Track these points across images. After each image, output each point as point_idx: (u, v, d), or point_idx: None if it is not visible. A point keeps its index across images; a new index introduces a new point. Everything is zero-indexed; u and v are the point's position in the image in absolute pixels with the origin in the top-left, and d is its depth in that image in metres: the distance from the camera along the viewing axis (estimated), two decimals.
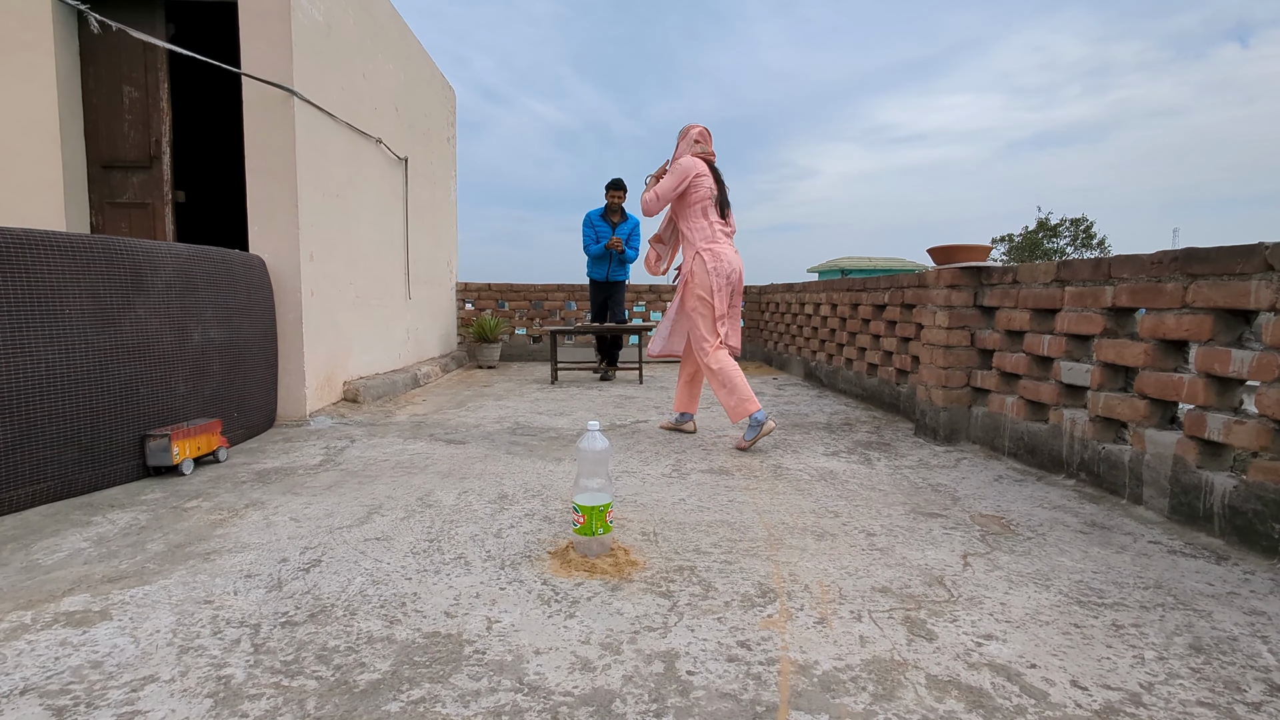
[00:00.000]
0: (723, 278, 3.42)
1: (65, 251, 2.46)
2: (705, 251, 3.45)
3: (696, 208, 3.51)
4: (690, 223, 3.53)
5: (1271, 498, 1.91)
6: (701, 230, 3.50)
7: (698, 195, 3.50)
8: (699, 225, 3.51)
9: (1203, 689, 1.28)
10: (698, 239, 3.49)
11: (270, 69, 3.71)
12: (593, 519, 1.86)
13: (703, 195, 3.50)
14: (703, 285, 3.43)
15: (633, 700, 1.23)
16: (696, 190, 3.50)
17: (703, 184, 3.50)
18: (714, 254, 3.45)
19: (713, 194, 3.52)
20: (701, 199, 3.50)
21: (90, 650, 1.38)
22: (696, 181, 3.51)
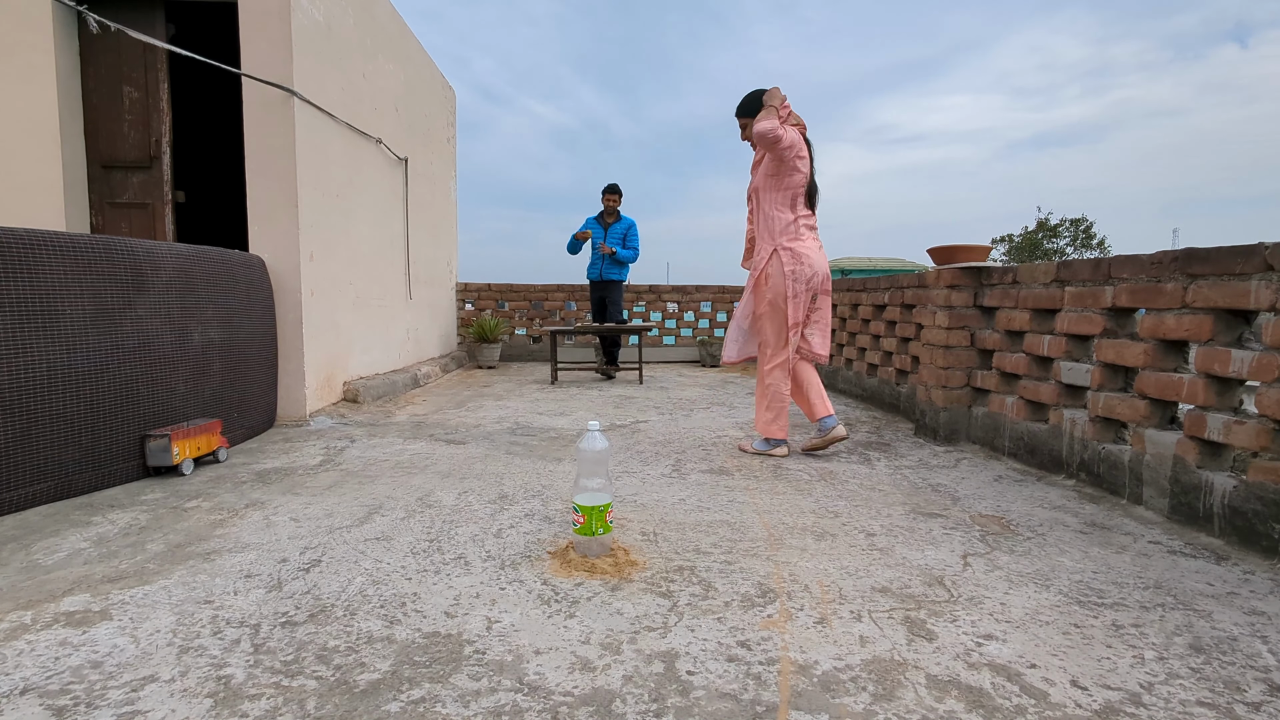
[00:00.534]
0: (802, 283, 3.02)
1: (66, 252, 2.46)
2: (785, 250, 3.04)
3: (786, 194, 3.04)
4: (775, 210, 3.06)
5: (1271, 498, 1.91)
6: (784, 223, 3.05)
7: (793, 180, 3.03)
8: (782, 216, 3.05)
9: (1203, 689, 1.28)
10: (779, 233, 3.06)
11: (270, 69, 3.71)
12: (593, 519, 1.86)
13: (797, 182, 3.03)
14: (776, 290, 3.04)
15: (633, 700, 1.23)
16: (794, 174, 3.02)
17: (801, 168, 3.03)
18: (794, 254, 3.03)
19: (806, 182, 3.07)
20: (795, 186, 3.03)
21: (90, 650, 1.38)
22: (797, 164, 3.02)
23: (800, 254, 3.03)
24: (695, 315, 8.38)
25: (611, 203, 6.30)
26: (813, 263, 3.04)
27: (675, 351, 8.26)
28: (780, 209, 3.06)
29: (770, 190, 3.06)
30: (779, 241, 3.06)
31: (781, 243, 3.05)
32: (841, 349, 5.40)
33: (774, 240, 3.06)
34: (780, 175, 3.02)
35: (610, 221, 6.32)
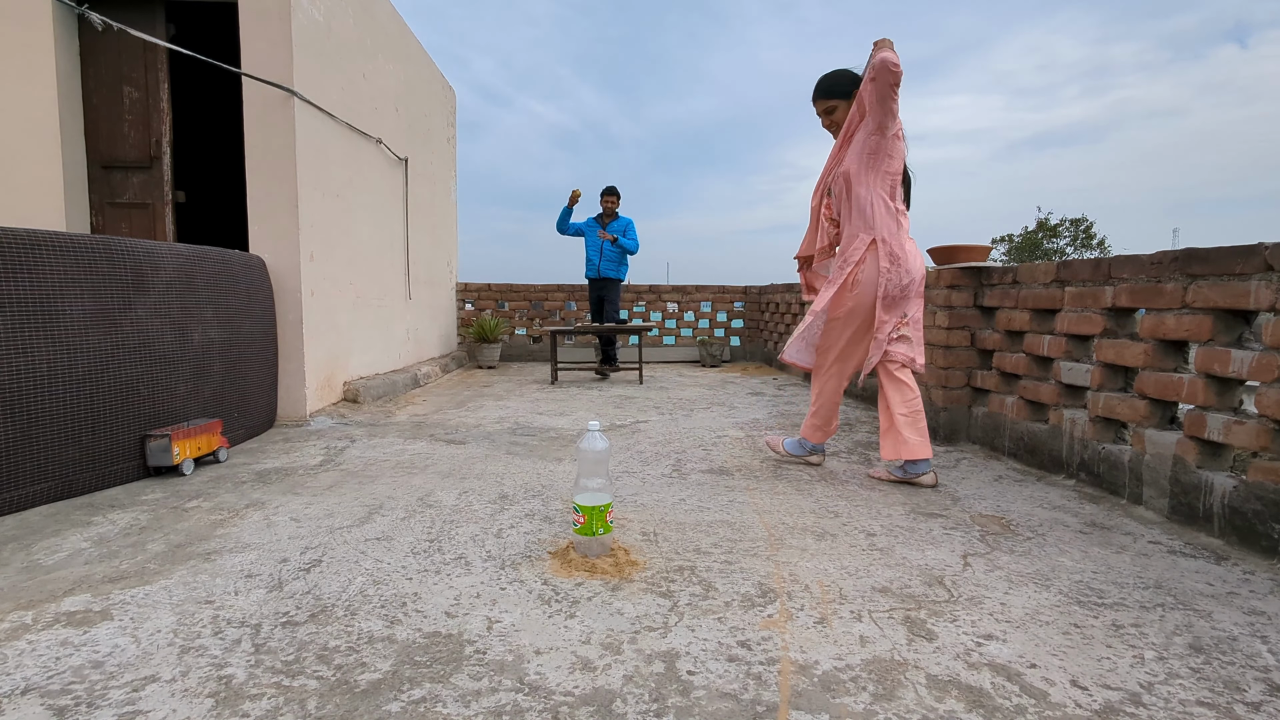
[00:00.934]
0: (897, 288, 2.60)
1: (66, 252, 2.47)
2: (884, 246, 2.59)
3: (886, 180, 2.60)
4: (874, 197, 2.61)
5: (1271, 498, 1.91)
6: (885, 214, 2.60)
7: (893, 165, 2.60)
8: (882, 206, 2.61)
9: (1202, 689, 1.28)
10: (879, 224, 2.60)
11: (270, 69, 3.71)
12: (593, 519, 1.86)
13: (896, 168, 2.62)
14: (866, 293, 2.62)
15: (633, 700, 1.23)
16: (893, 157, 2.60)
17: (901, 150, 2.61)
18: (893, 256, 2.59)
19: (902, 170, 2.66)
20: (895, 172, 2.62)
21: (91, 650, 1.38)
22: (898, 144, 2.59)
23: (899, 256, 2.59)
24: (695, 315, 8.38)
25: (610, 204, 6.36)
26: (910, 268, 2.61)
27: (675, 351, 8.26)
28: (879, 196, 2.61)
29: (867, 173, 2.60)
30: (880, 233, 2.60)
31: (883, 234, 2.60)
32: None
33: (875, 232, 2.60)
34: (880, 155, 2.57)
35: (607, 222, 6.37)
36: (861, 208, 2.63)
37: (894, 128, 2.55)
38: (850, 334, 2.73)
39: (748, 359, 8.33)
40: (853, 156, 2.64)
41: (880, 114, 2.50)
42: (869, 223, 2.62)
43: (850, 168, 2.65)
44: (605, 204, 6.36)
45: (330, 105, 4.22)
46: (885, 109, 2.49)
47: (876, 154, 2.58)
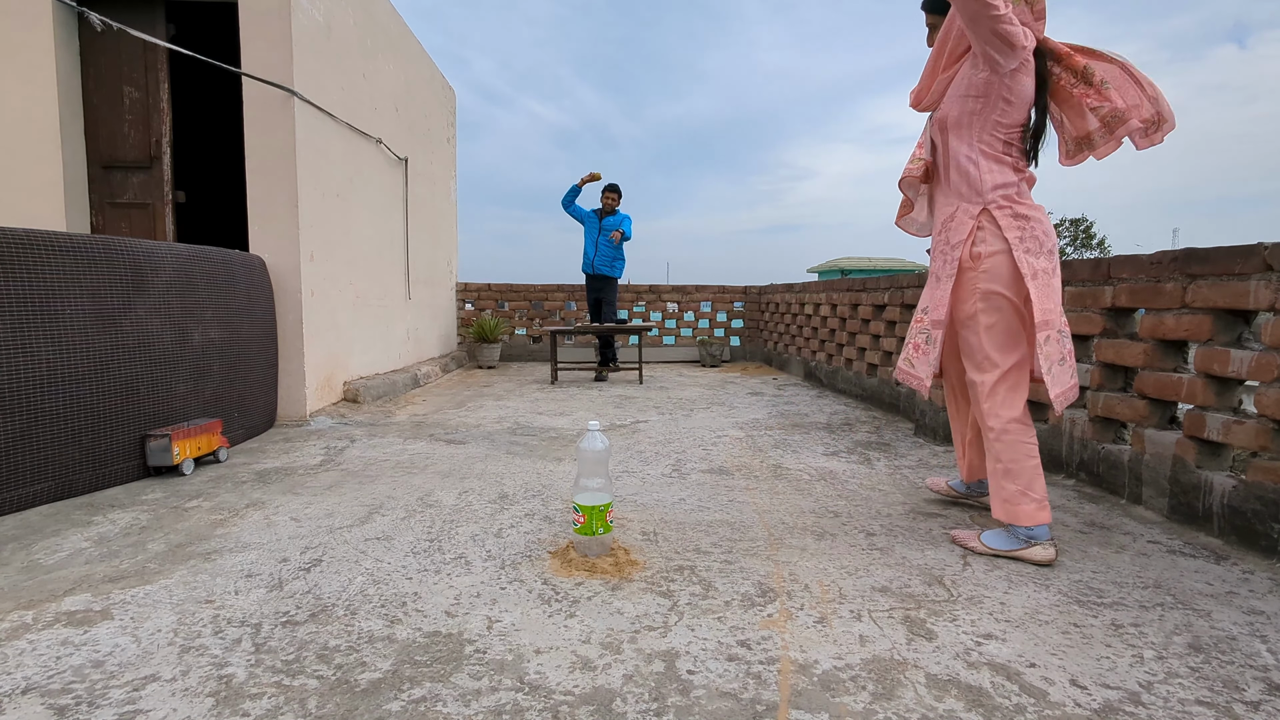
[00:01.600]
0: (1043, 254, 1.90)
1: (66, 252, 2.47)
2: (1007, 210, 1.92)
3: (999, 133, 1.93)
4: (979, 155, 1.95)
5: (1271, 497, 1.91)
6: (995, 177, 1.94)
7: (1012, 113, 1.91)
8: (992, 166, 1.94)
9: (1202, 688, 1.28)
10: (987, 187, 1.94)
11: (270, 69, 3.71)
12: (593, 519, 1.86)
13: (1017, 116, 1.93)
14: (999, 274, 1.91)
15: (633, 699, 1.23)
16: (1014, 102, 1.90)
17: (1023, 93, 1.91)
18: (1022, 218, 1.91)
19: (1028, 119, 1.96)
20: (1013, 123, 1.93)
21: (91, 650, 1.38)
22: (1019, 81, 1.89)
23: (1028, 215, 1.91)
24: (695, 315, 8.38)
25: (611, 201, 6.37)
26: (1048, 228, 1.93)
27: (675, 351, 8.26)
28: (989, 153, 1.94)
29: (972, 123, 1.94)
30: (991, 197, 1.93)
31: (995, 199, 1.93)
32: (841, 349, 5.40)
33: (984, 197, 1.94)
34: (990, 99, 1.89)
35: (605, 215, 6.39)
36: (962, 169, 1.97)
37: (1013, 60, 1.83)
38: (1004, 331, 1.94)
39: (748, 359, 8.33)
40: (954, 98, 1.98)
41: (983, 40, 1.80)
42: (978, 190, 1.95)
43: (949, 113, 1.98)
44: (606, 200, 6.38)
45: (330, 105, 4.22)
46: (988, 34, 1.78)
47: (986, 97, 1.90)
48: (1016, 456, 1.92)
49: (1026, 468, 1.92)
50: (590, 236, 6.41)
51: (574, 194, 6.33)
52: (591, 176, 6.23)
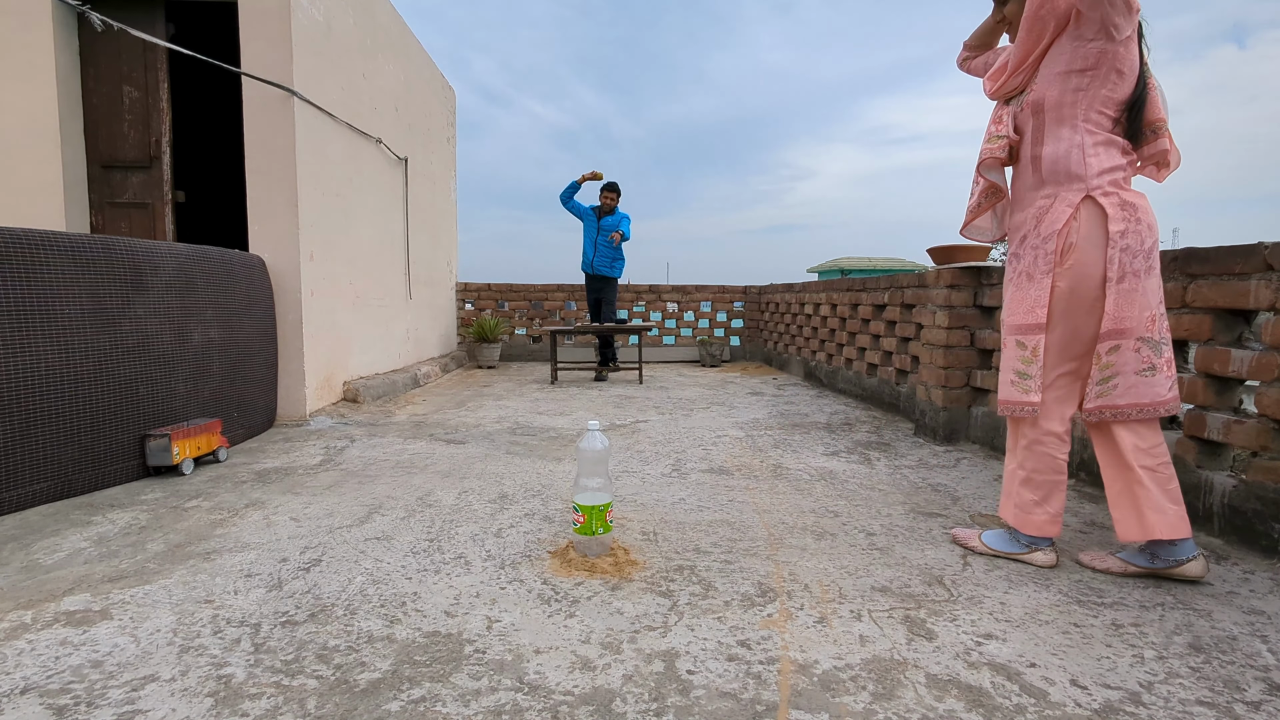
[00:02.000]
0: (1140, 252, 1.69)
1: (65, 251, 2.46)
2: (1114, 197, 1.70)
3: (1107, 108, 1.72)
4: (1083, 135, 1.73)
5: (1271, 497, 1.91)
6: (1107, 157, 1.73)
7: (1123, 86, 1.70)
8: (1105, 145, 1.73)
9: (1202, 688, 1.28)
10: (1096, 170, 1.72)
11: (270, 69, 3.71)
12: (593, 519, 1.86)
13: (1126, 89, 1.70)
14: (1081, 274, 1.72)
15: (633, 699, 1.23)
16: (1125, 74, 1.69)
17: (1134, 63, 1.70)
18: (1129, 206, 1.70)
19: (1134, 94, 1.72)
20: (1123, 95, 1.71)
21: (91, 650, 1.38)
22: (1130, 49, 1.68)
23: (1135, 203, 1.71)
24: (695, 315, 8.38)
25: (610, 201, 6.35)
26: (1152, 221, 1.72)
27: (675, 351, 8.26)
28: (1096, 134, 1.72)
29: (1077, 101, 1.72)
30: (1093, 182, 1.71)
31: (1102, 184, 1.71)
32: (841, 349, 5.40)
33: (1084, 183, 1.72)
34: (1102, 71, 1.67)
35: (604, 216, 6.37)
36: (1064, 153, 1.75)
37: (1130, 24, 1.63)
38: (1064, 335, 1.77)
39: (747, 359, 8.33)
40: (1050, 77, 1.75)
41: (1106, 3, 1.59)
42: (1077, 173, 1.73)
43: (1046, 94, 1.76)
44: (605, 200, 6.35)
45: (330, 105, 4.21)
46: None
47: (1096, 70, 1.68)
48: (1042, 468, 1.85)
49: (1049, 481, 1.84)
50: (589, 236, 6.40)
51: (573, 190, 6.32)
52: (593, 175, 6.23)
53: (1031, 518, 1.85)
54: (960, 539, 2.02)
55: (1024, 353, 1.82)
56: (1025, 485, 1.87)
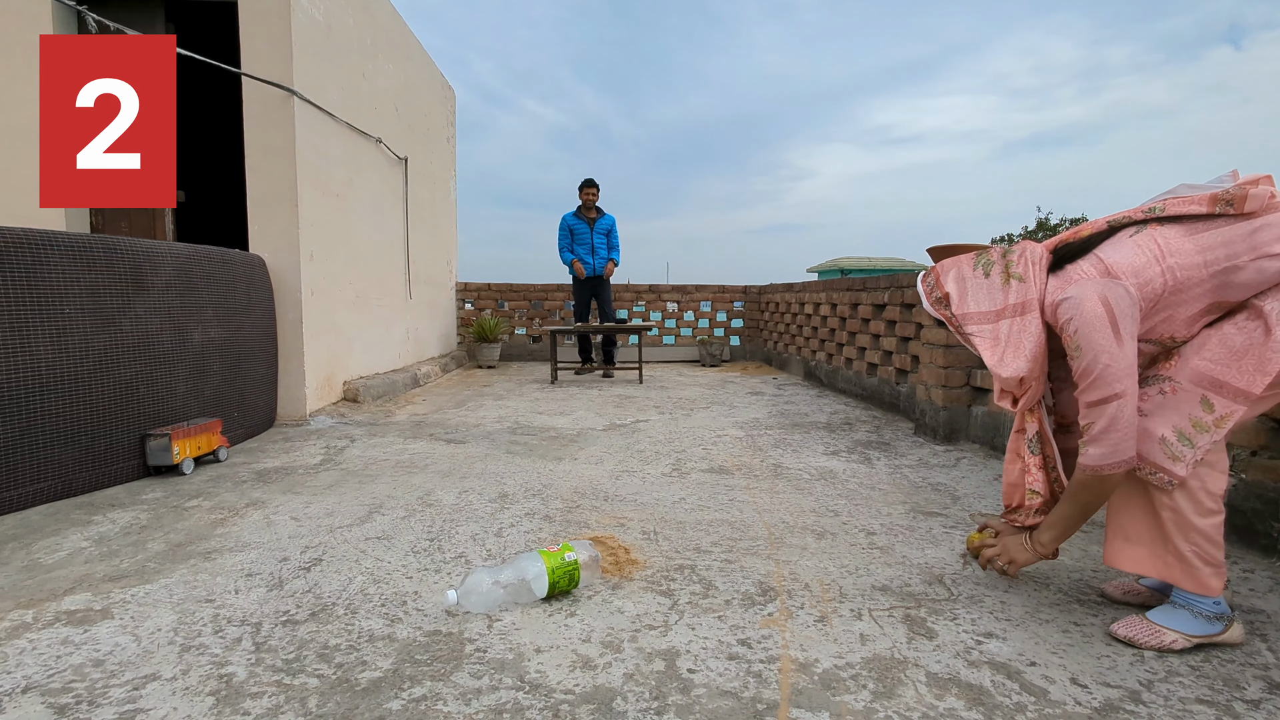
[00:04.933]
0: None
1: (66, 251, 2.46)
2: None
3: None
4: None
5: (1270, 496, 1.91)
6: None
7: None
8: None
9: (1202, 686, 1.28)
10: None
11: (270, 69, 3.71)
12: (570, 575, 1.63)
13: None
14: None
15: (634, 698, 1.23)
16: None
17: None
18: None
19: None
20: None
21: (92, 649, 1.38)
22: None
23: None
24: (695, 315, 8.38)
25: (590, 196, 6.33)
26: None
27: (675, 351, 8.26)
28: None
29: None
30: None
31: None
32: (841, 349, 5.40)
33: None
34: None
35: (593, 217, 6.36)
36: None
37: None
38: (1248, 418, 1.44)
39: (747, 359, 8.33)
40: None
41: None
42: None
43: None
44: (585, 196, 6.34)
45: (330, 105, 4.21)
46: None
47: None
48: (1202, 502, 1.42)
49: (1214, 533, 1.42)
50: (586, 244, 6.38)
51: (562, 248, 6.43)
52: (578, 269, 6.37)
53: (1204, 576, 1.42)
54: (1133, 637, 1.45)
55: (1206, 416, 1.38)
56: (1190, 543, 1.42)
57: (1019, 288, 1.49)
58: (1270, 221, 1.34)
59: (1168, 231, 1.40)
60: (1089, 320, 1.36)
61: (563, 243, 6.43)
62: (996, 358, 1.49)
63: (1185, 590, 1.42)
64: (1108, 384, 1.35)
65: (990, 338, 1.50)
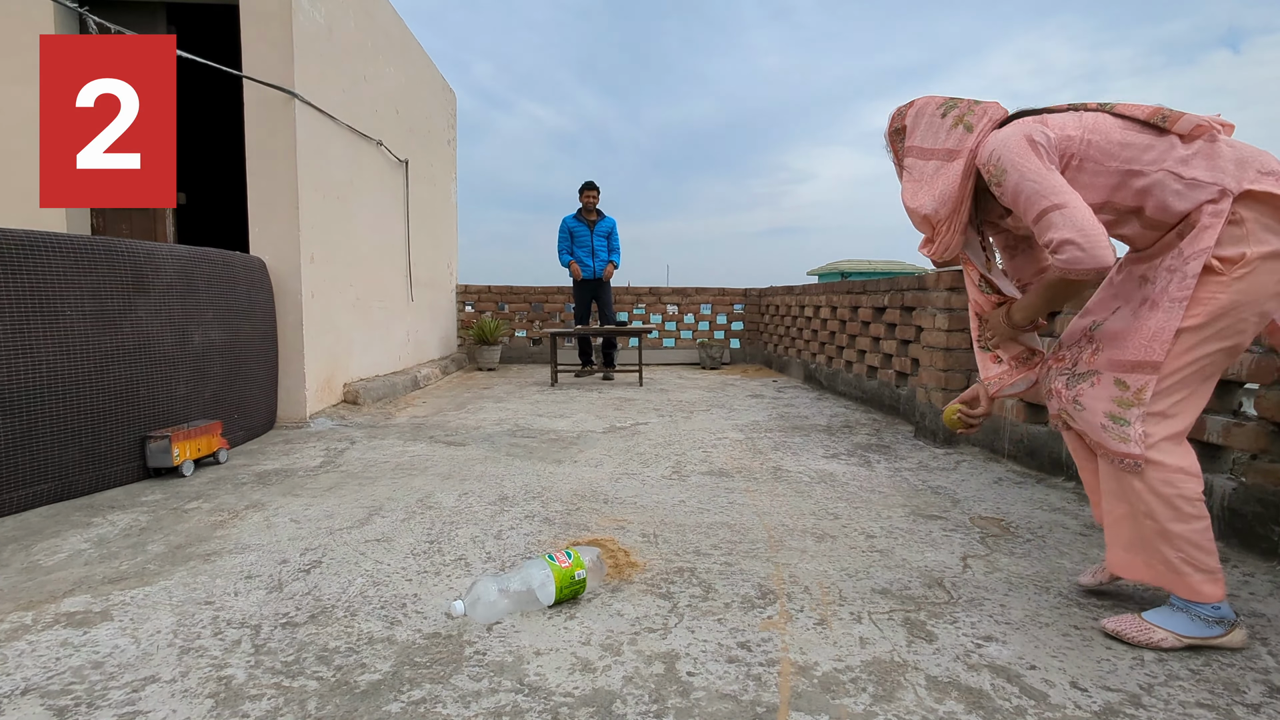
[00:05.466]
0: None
1: (68, 253, 2.47)
2: (1267, 200, 1.33)
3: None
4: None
5: (1271, 500, 1.91)
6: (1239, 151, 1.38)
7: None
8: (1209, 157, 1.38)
9: (1202, 690, 1.28)
10: (1245, 160, 1.36)
11: (271, 71, 3.71)
12: (575, 585, 1.62)
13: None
14: (1253, 292, 1.34)
15: (633, 701, 1.23)
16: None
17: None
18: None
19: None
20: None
21: (91, 651, 1.38)
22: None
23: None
24: (695, 317, 8.38)
25: (591, 199, 6.34)
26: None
27: (675, 353, 8.26)
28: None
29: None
30: (1245, 180, 1.34)
31: (1256, 180, 1.34)
32: (841, 351, 5.40)
33: (1238, 177, 1.35)
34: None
35: (594, 220, 6.36)
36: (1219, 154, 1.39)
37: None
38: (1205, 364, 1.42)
39: (747, 361, 8.33)
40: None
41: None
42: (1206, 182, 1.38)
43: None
44: (586, 199, 6.34)
45: (331, 107, 4.22)
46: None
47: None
48: (1182, 505, 1.43)
49: (1199, 526, 1.44)
50: (586, 246, 6.38)
51: (562, 251, 6.41)
52: (575, 271, 6.36)
53: (1196, 582, 1.43)
54: (1122, 631, 1.47)
55: (1124, 393, 1.46)
56: (1173, 545, 1.44)
57: (962, 135, 1.52)
58: (1190, 149, 1.38)
59: (1108, 118, 1.45)
60: (1011, 147, 1.40)
61: (562, 245, 6.45)
62: (911, 192, 1.55)
63: (1181, 596, 1.44)
64: (1043, 196, 1.37)
65: (916, 173, 1.54)
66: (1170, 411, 1.41)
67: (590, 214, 6.38)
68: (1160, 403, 1.41)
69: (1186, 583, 1.42)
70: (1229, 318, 1.36)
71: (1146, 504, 1.42)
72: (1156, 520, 1.42)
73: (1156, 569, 1.46)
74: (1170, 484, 1.39)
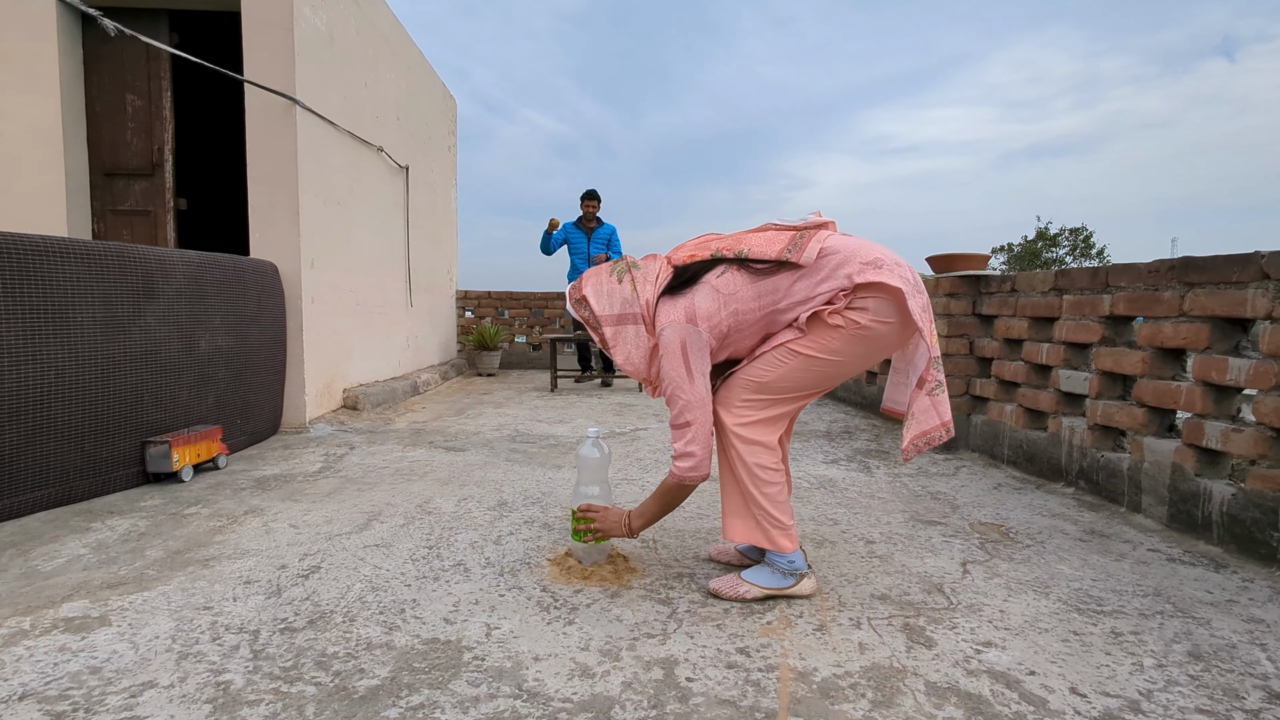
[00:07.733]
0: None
1: (82, 259, 2.47)
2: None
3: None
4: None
5: (1270, 505, 1.91)
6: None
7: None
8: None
9: (1201, 696, 1.28)
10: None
11: (273, 77, 3.73)
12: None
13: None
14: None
15: (632, 707, 1.23)
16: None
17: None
18: None
19: None
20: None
21: (89, 656, 1.38)
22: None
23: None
24: None
25: (591, 208, 6.30)
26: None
27: None
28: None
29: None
30: (855, 275, 1.62)
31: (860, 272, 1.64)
32: None
33: (848, 274, 1.61)
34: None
35: (593, 227, 6.35)
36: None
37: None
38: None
39: None
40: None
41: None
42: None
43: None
44: (586, 208, 6.30)
45: (332, 113, 4.24)
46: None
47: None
48: (764, 473, 1.73)
49: (775, 486, 1.74)
50: (582, 251, 6.33)
51: (547, 238, 6.31)
52: (552, 224, 6.23)
53: (776, 535, 1.70)
54: (721, 590, 1.72)
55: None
56: (766, 503, 1.72)
57: (632, 297, 1.73)
58: (811, 272, 1.62)
59: (739, 277, 1.66)
60: (669, 358, 1.64)
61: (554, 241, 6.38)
62: (624, 356, 1.72)
63: (767, 549, 1.71)
64: (681, 413, 1.65)
65: (620, 338, 1.73)
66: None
67: (590, 221, 6.38)
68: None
69: (769, 537, 1.69)
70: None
71: (740, 478, 1.72)
72: (746, 488, 1.70)
73: (751, 529, 1.72)
74: (756, 456, 1.68)
